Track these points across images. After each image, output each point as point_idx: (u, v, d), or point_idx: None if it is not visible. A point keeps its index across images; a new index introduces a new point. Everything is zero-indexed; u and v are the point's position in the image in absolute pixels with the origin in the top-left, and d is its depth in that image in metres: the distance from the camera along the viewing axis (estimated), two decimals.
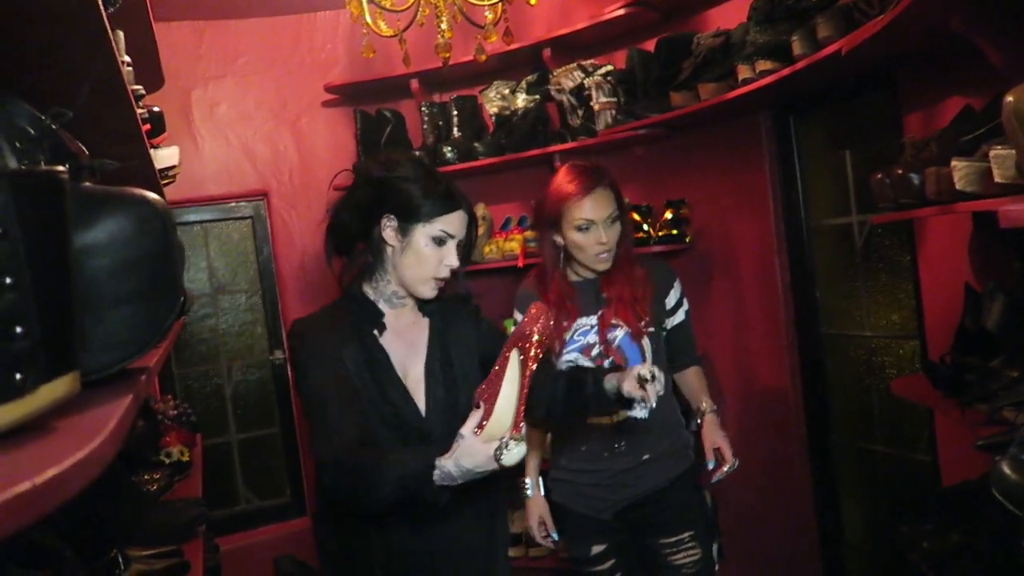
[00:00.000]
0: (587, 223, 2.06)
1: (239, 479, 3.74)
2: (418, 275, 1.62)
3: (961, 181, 1.42)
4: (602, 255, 2.09)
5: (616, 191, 2.12)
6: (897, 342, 2.52)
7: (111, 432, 0.50)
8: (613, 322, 2.11)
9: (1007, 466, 1.07)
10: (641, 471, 2.12)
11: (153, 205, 0.77)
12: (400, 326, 1.68)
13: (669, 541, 2.12)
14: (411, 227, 1.60)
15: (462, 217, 1.63)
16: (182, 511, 1.80)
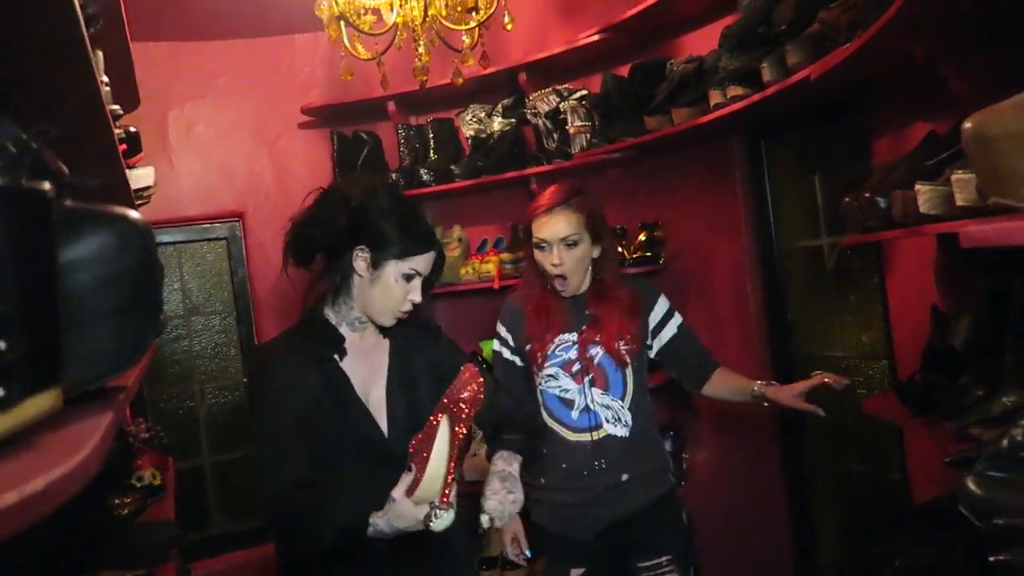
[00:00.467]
0: (542, 242, 2.08)
1: (212, 502, 3.68)
2: (384, 308, 1.64)
3: (925, 204, 1.46)
4: (557, 278, 2.09)
5: (586, 213, 2.08)
6: (867, 362, 2.56)
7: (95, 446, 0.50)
8: (595, 340, 2.12)
9: (972, 482, 1.10)
10: (621, 491, 2.11)
11: (135, 222, 0.78)
12: (361, 348, 1.70)
13: (647, 564, 2.12)
14: (383, 262, 1.61)
15: (432, 258, 1.67)
16: (155, 534, 1.77)
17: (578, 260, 2.08)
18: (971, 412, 1.51)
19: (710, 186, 2.98)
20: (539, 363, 2.14)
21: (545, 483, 2.17)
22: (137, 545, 1.69)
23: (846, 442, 2.73)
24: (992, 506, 1.04)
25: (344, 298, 1.67)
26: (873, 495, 2.62)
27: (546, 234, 2.06)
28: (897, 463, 2.41)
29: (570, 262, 2.07)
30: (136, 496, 2.05)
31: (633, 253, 2.99)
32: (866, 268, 2.51)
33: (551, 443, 2.15)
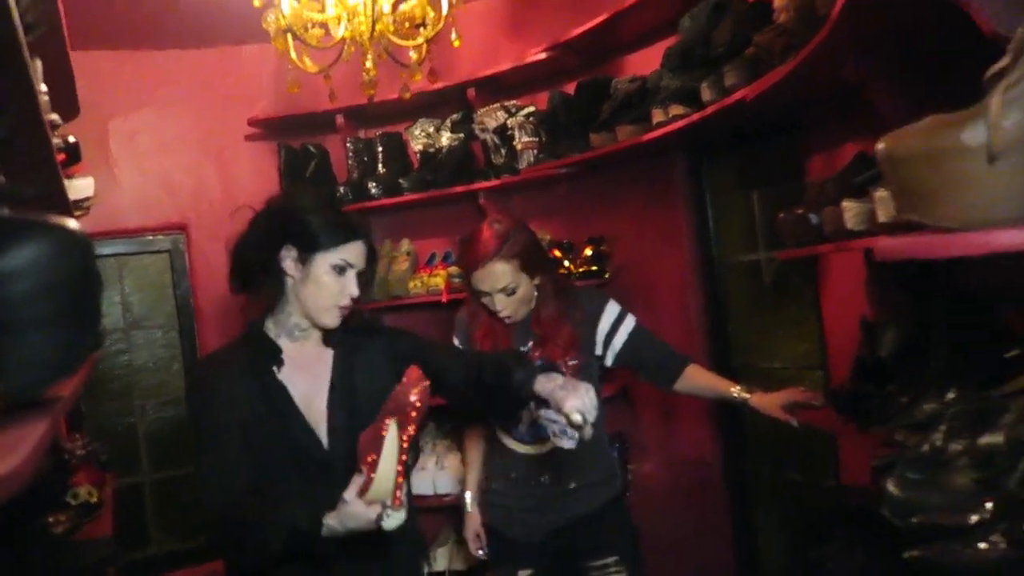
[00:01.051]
0: (480, 292, 2.13)
1: (152, 521, 3.60)
2: (319, 304, 1.62)
3: (851, 220, 1.53)
4: (502, 316, 2.14)
5: (520, 256, 2.10)
6: (804, 372, 2.64)
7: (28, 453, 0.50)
8: (539, 356, 2.16)
9: (892, 484, 1.15)
10: (569, 497, 2.17)
11: (72, 232, 0.78)
12: (302, 359, 1.68)
13: (595, 564, 2.16)
14: (311, 256, 1.60)
15: (362, 248, 1.65)
16: (91, 552, 1.73)
17: (520, 301, 2.14)
18: (896, 418, 1.58)
19: (654, 202, 3.05)
20: None
21: (496, 488, 2.22)
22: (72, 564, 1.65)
23: (784, 450, 2.81)
24: (909, 506, 1.09)
25: (282, 306, 1.66)
26: (810, 501, 2.70)
27: (485, 287, 2.11)
28: (832, 470, 2.49)
29: (512, 305, 2.13)
30: (71, 514, 2.00)
31: (580, 267, 3.04)
32: (802, 282, 2.59)
33: (501, 454, 2.19)
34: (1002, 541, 0.87)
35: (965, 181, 0.82)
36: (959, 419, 1.32)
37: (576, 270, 3.02)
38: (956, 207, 0.83)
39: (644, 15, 2.77)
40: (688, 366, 2.26)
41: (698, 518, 3.03)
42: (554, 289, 2.21)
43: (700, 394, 2.31)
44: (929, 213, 0.86)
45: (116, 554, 1.81)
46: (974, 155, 0.82)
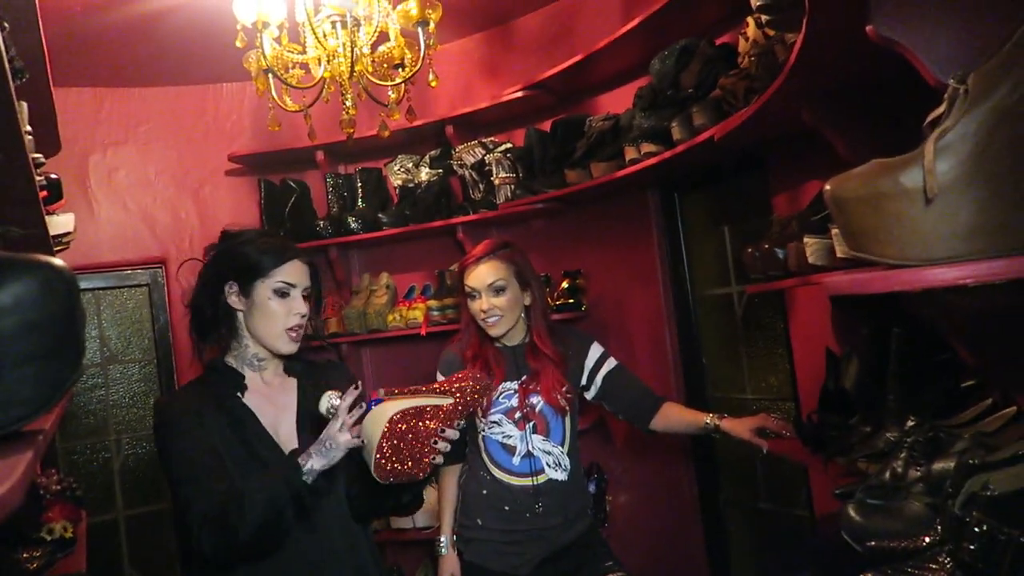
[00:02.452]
0: (472, 291, 2.21)
1: (126, 557, 3.55)
2: (269, 330, 1.67)
3: (812, 256, 1.59)
4: (488, 320, 2.19)
5: (512, 262, 2.23)
6: (775, 403, 2.70)
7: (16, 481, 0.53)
8: (536, 390, 2.21)
9: (852, 509, 1.20)
10: (558, 529, 2.21)
11: (59, 270, 0.81)
12: (265, 388, 1.72)
13: (595, 568, 2.21)
14: (251, 286, 1.66)
15: (299, 266, 1.70)
16: None
17: (506, 304, 2.18)
18: (859, 448, 1.63)
19: (628, 237, 3.12)
20: (484, 409, 2.21)
21: (483, 524, 2.22)
22: None
23: (758, 481, 2.85)
24: (867, 530, 1.14)
25: (237, 340, 1.71)
26: (783, 530, 2.73)
27: (475, 283, 2.20)
28: (804, 499, 2.53)
29: (499, 306, 2.18)
30: (46, 550, 1.99)
31: (557, 300, 3.09)
32: (771, 315, 2.66)
33: (490, 486, 2.21)
34: (948, 561, 0.91)
35: (903, 221, 0.88)
36: (916, 448, 1.37)
37: (553, 303, 3.07)
38: (896, 245, 0.89)
39: (616, 57, 2.86)
40: (667, 403, 2.32)
41: (674, 546, 3.05)
42: (544, 319, 2.27)
43: (676, 430, 2.35)
44: (872, 250, 0.91)
45: None
46: (911, 197, 0.88)
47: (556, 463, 2.22)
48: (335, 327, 3.41)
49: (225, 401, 1.66)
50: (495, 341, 2.29)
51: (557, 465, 2.22)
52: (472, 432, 2.28)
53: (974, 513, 0.92)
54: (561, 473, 2.22)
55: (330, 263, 3.59)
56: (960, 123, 0.89)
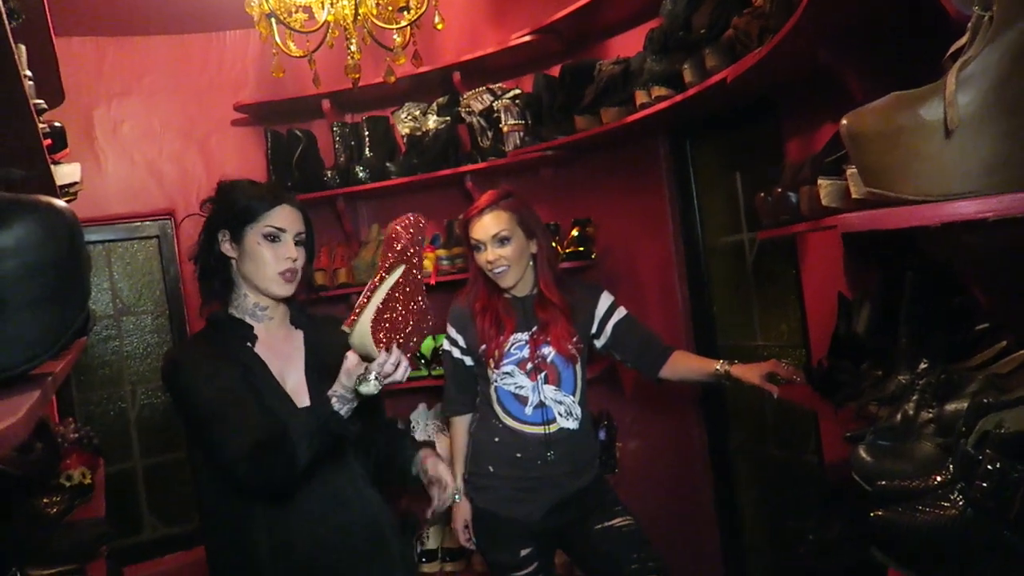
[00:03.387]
0: (477, 243, 2.20)
1: (144, 505, 3.62)
2: (261, 276, 1.67)
3: (826, 198, 1.57)
4: (496, 271, 2.18)
5: (517, 212, 2.21)
6: (786, 350, 2.69)
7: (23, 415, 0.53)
8: (546, 340, 2.21)
9: (863, 451, 1.20)
10: (568, 476, 2.23)
11: (60, 212, 0.80)
12: (272, 340, 1.72)
13: (603, 513, 2.23)
14: (242, 233, 1.66)
15: (289, 210, 1.70)
16: (84, 531, 1.76)
17: (512, 254, 2.17)
18: (869, 392, 1.62)
19: (639, 184, 3.08)
20: (496, 360, 2.22)
21: (494, 471, 2.25)
22: (65, 542, 1.68)
23: (767, 427, 2.86)
24: (878, 471, 1.14)
25: (235, 291, 1.71)
26: (792, 476, 2.75)
27: (479, 234, 2.19)
28: (813, 445, 2.54)
29: (504, 257, 2.17)
30: (65, 496, 2.02)
31: (566, 248, 3.07)
32: (783, 262, 2.63)
33: (502, 434, 2.23)
34: (960, 499, 0.91)
35: (922, 155, 0.86)
36: (928, 390, 1.37)
37: (563, 252, 3.05)
38: (914, 180, 0.87)
39: None
40: (676, 352, 2.31)
41: (683, 494, 3.08)
42: (551, 268, 2.26)
43: (686, 378, 2.36)
44: (890, 187, 0.89)
45: (109, 533, 1.84)
46: (931, 131, 0.86)
47: (568, 412, 2.24)
48: (344, 278, 3.40)
49: (236, 351, 1.67)
50: (504, 293, 2.28)
51: (568, 414, 2.24)
52: (484, 383, 2.29)
53: (987, 452, 0.91)
54: (572, 422, 2.24)
55: (338, 214, 3.58)
56: (983, 53, 0.86)
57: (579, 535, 2.25)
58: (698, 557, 3.04)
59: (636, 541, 2.19)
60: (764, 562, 2.96)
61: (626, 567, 2.16)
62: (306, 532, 1.63)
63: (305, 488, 1.64)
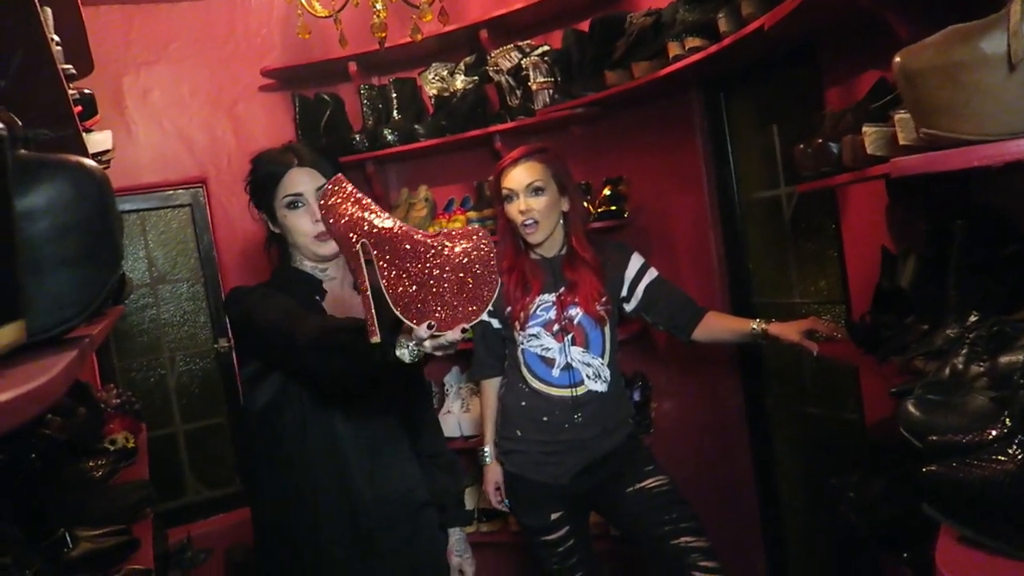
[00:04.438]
0: (509, 192, 2.16)
1: (187, 470, 3.70)
2: (303, 242, 1.66)
3: (871, 146, 1.50)
4: (526, 223, 2.15)
5: (551, 164, 2.19)
6: (824, 307, 2.64)
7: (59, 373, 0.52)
8: (574, 302, 2.18)
9: (912, 405, 1.16)
10: (596, 440, 2.21)
11: (89, 170, 0.79)
12: (338, 302, 1.72)
13: (634, 473, 2.21)
14: (272, 211, 1.67)
15: (300, 172, 1.64)
16: (128, 493, 1.80)
17: (544, 207, 2.14)
18: (915, 346, 1.57)
19: (671, 140, 3.01)
20: (521, 322, 2.20)
21: (522, 435, 2.24)
22: (110, 504, 1.71)
23: (806, 385, 2.82)
24: (928, 426, 1.10)
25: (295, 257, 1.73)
26: (832, 435, 2.71)
27: (512, 184, 2.16)
28: (853, 403, 2.50)
29: (538, 207, 2.14)
30: (109, 459, 2.07)
31: (598, 208, 3.03)
32: (822, 216, 2.57)
33: (529, 398, 2.22)
34: (1019, 453, 0.88)
35: (983, 92, 0.81)
36: (979, 343, 1.32)
37: (595, 211, 3.01)
38: (974, 119, 0.82)
39: None
40: (710, 312, 2.27)
41: (719, 454, 3.06)
42: (583, 226, 2.23)
43: (720, 339, 2.32)
44: (948, 127, 0.84)
45: (152, 495, 1.88)
46: (992, 65, 0.81)
47: (596, 374, 2.21)
48: None
49: (308, 305, 1.64)
50: (531, 252, 2.25)
51: (597, 376, 2.21)
52: (511, 345, 2.28)
53: None
54: (600, 384, 2.21)
55: (367, 178, 3.56)
56: None
57: (612, 498, 2.23)
58: (735, 517, 3.02)
59: (669, 502, 2.16)
60: (802, 521, 2.94)
61: (659, 529, 2.14)
62: (346, 498, 1.65)
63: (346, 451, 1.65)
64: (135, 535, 1.57)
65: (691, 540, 2.12)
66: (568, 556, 2.26)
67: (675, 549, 2.11)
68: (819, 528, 2.84)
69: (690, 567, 2.10)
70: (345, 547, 1.64)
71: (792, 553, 2.96)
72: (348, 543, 1.64)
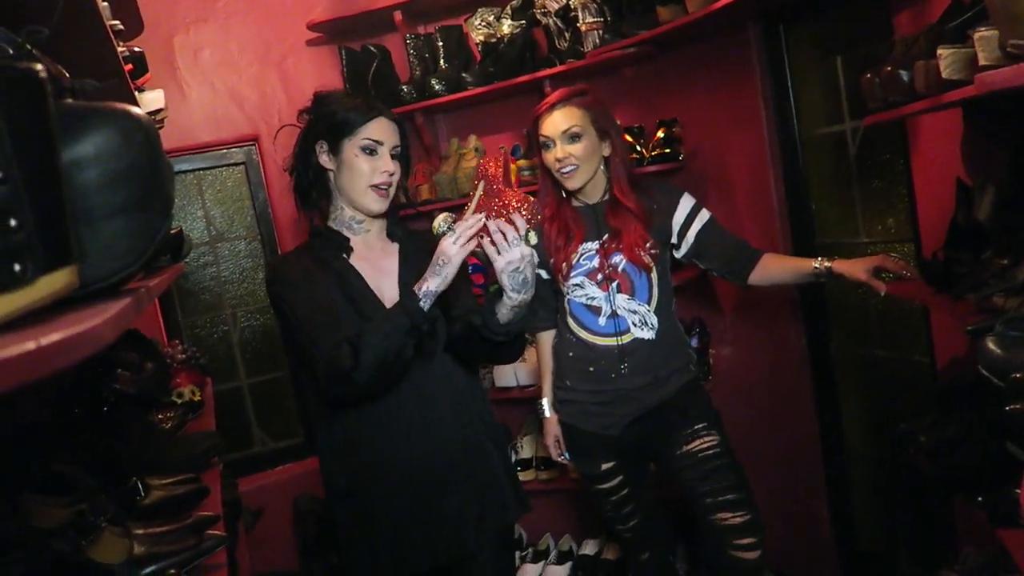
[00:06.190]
0: (547, 140, 2.10)
1: (253, 422, 3.81)
2: (357, 188, 1.69)
3: (947, 69, 1.41)
4: (563, 170, 2.09)
5: (589, 109, 2.11)
6: (893, 246, 2.53)
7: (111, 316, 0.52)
8: (617, 249, 2.13)
9: (992, 342, 1.10)
10: (647, 389, 2.16)
11: (136, 117, 0.78)
12: (369, 252, 1.75)
13: (683, 433, 2.16)
14: (340, 145, 1.68)
15: (385, 123, 1.70)
16: (196, 443, 1.85)
17: (583, 153, 2.08)
18: (993, 283, 1.49)
19: (728, 78, 2.90)
20: (564, 273, 2.16)
21: (571, 385, 2.22)
22: (180, 454, 1.77)
23: (872, 327, 2.73)
24: (1011, 363, 1.04)
25: (333, 203, 1.75)
26: (900, 378, 2.63)
27: (549, 131, 2.10)
28: (923, 345, 2.41)
29: (577, 153, 2.08)
30: (177, 412, 2.13)
31: (652, 151, 2.95)
32: (890, 150, 2.45)
33: (576, 348, 2.19)
34: None
35: None
36: None
37: (648, 154, 2.93)
38: None
39: None
40: (766, 255, 2.19)
41: (781, 400, 3.00)
42: (626, 170, 2.15)
43: (779, 281, 2.25)
44: None
45: (219, 444, 1.93)
46: None
47: (642, 322, 2.15)
48: (426, 194, 3.38)
49: (332, 262, 1.71)
50: (573, 199, 2.20)
51: (643, 324, 2.15)
52: (558, 296, 2.25)
53: None
54: (648, 332, 2.15)
55: (417, 129, 3.53)
56: None
57: (663, 456, 2.21)
58: (797, 463, 2.98)
59: (713, 468, 2.11)
60: (867, 468, 2.88)
61: (701, 500, 2.12)
62: (405, 446, 1.67)
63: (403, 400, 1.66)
64: (204, 484, 1.62)
65: (728, 516, 2.09)
66: (622, 505, 2.26)
67: (712, 525, 2.11)
68: (885, 473, 2.78)
69: (726, 545, 2.09)
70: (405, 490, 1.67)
71: (856, 499, 2.91)
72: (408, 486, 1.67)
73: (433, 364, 1.72)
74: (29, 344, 0.39)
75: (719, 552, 2.11)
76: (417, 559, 1.69)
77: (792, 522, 2.97)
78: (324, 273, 1.67)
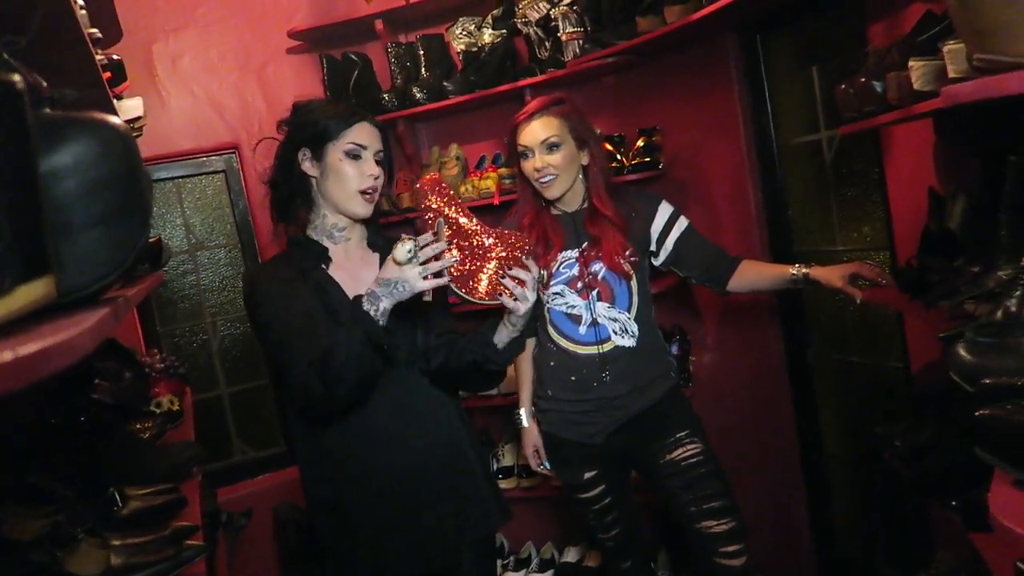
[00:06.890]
0: (525, 149, 2.11)
1: (232, 431, 3.79)
2: (343, 194, 1.67)
3: (919, 81, 1.44)
4: (543, 180, 2.10)
5: (567, 118, 2.11)
6: (868, 253, 2.56)
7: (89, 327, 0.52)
8: (596, 257, 2.14)
9: (963, 348, 1.12)
10: (628, 397, 2.17)
11: (115, 127, 0.78)
12: (348, 263, 1.73)
13: (666, 442, 2.17)
14: (323, 150, 1.66)
15: (368, 128, 1.70)
16: (176, 453, 1.84)
17: (561, 162, 2.09)
18: (965, 289, 1.52)
19: (707, 87, 2.93)
20: (544, 282, 2.16)
21: (553, 394, 2.22)
22: (159, 463, 1.75)
23: (849, 334, 2.76)
24: (981, 369, 1.06)
25: (315, 210, 1.73)
26: (876, 384, 2.66)
27: (527, 140, 2.11)
28: (898, 351, 2.44)
29: (555, 162, 2.08)
30: (156, 421, 2.12)
31: (632, 160, 2.97)
32: (865, 159, 2.49)
33: (557, 357, 2.20)
34: None
35: None
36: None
37: (628, 163, 2.95)
38: None
39: None
40: (745, 261, 2.22)
41: (760, 405, 3.03)
42: (604, 179, 2.17)
43: (758, 288, 2.27)
44: (1007, 49, 0.79)
45: (199, 454, 1.92)
46: None
47: (623, 329, 2.16)
48: (408, 202, 3.39)
49: (310, 272, 1.69)
50: (552, 208, 2.21)
51: (624, 332, 2.16)
52: (538, 305, 2.24)
53: None
54: (629, 340, 2.16)
55: (398, 138, 3.53)
56: None
57: (646, 465, 2.21)
58: (776, 468, 3.00)
59: (697, 476, 2.12)
60: (845, 471, 2.91)
61: (686, 509, 2.13)
62: (384, 455, 1.67)
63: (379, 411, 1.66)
64: (183, 494, 1.61)
65: (713, 524, 2.10)
66: (604, 513, 2.26)
67: (697, 533, 2.12)
68: (862, 478, 2.81)
69: (713, 553, 2.10)
70: (386, 499, 1.67)
71: (835, 504, 2.94)
72: (388, 495, 1.67)
73: (409, 374, 1.72)
74: (6, 355, 0.39)
75: (706, 560, 2.12)
76: (399, 568, 1.69)
77: (771, 527, 2.99)
78: (302, 283, 1.66)
